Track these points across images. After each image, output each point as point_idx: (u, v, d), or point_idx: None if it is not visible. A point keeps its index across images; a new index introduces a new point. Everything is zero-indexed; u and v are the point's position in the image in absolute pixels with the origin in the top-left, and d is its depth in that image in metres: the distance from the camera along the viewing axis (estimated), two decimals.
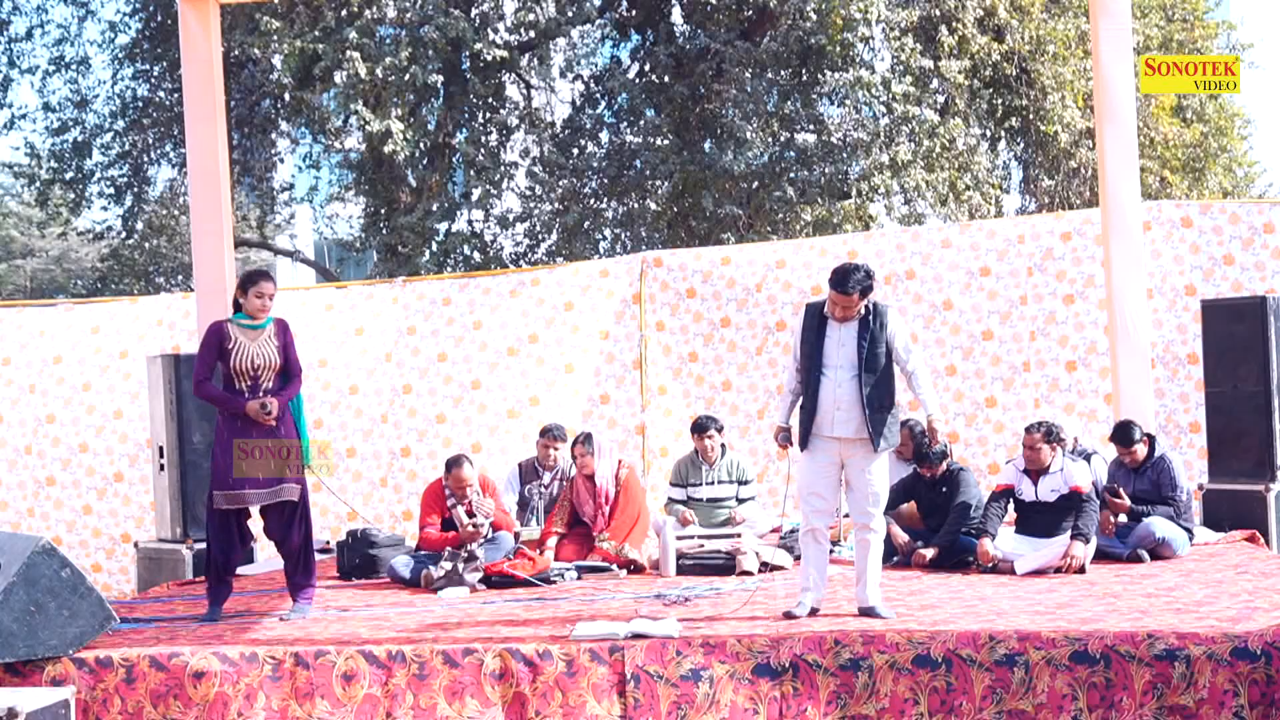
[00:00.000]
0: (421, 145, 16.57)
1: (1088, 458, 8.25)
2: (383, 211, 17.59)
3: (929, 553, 7.58)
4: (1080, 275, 10.44)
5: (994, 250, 10.73)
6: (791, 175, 16.31)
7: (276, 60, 16.03)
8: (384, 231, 17.26)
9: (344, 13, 15.91)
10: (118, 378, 11.56)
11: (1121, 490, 7.87)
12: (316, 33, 15.29)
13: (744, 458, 9.40)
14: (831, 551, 8.24)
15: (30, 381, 11.67)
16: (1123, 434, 8.03)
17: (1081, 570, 7.09)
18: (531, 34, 17.09)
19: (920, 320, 10.76)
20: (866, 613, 5.97)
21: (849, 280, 6.16)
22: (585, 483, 8.33)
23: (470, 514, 7.98)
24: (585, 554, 8.09)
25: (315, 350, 11.47)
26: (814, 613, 6.04)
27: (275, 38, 15.17)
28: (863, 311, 6.20)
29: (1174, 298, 10.22)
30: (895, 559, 7.72)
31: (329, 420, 11.36)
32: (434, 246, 16.79)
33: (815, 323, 6.29)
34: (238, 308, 6.86)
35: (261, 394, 6.62)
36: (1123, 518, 7.89)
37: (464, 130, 17.48)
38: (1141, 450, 7.97)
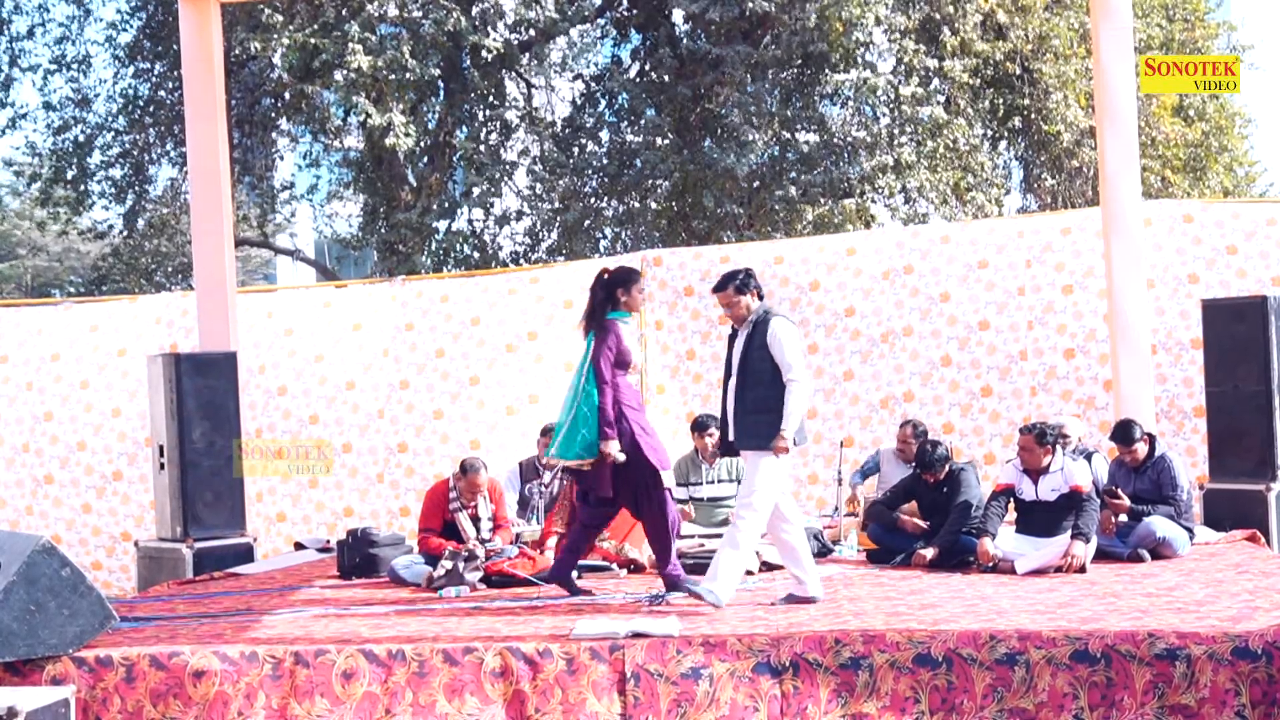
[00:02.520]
0: (422, 143, 16.57)
1: (1088, 457, 8.25)
2: (382, 210, 17.58)
3: (929, 553, 7.58)
4: (1080, 267, 10.45)
5: (993, 245, 10.75)
6: (793, 175, 16.31)
7: (277, 58, 16.02)
8: (383, 229, 17.26)
9: (344, 10, 15.91)
10: (116, 376, 11.56)
11: (1120, 491, 7.87)
12: (316, 27, 15.28)
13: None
14: (830, 552, 8.29)
15: (28, 379, 11.67)
16: (1123, 434, 8.03)
17: (1082, 570, 7.09)
18: (531, 32, 17.09)
19: (917, 313, 10.77)
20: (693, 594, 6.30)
21: (721, 280, 6.60)
22: None
23: (474, 518, 7.99)
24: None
25: (312, 346, 11.48)
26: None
27: (275, 32, 15.17)
28: (754, 318, 6.49)
29: (1176, 286, 10.22)
30: (897, 559, 7.72)
31: (325, 416, 11.37)
32: (433, 245, 16.78)
33: (731, 333, 6.70)
34: (616, 305, 6.85)
35: None
36: (1123, 517, 7.88)
37: (464, 129, 17.47)
38: (1142, 449, 7.96)
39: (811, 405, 10.99)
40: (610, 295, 6.84)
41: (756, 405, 6.41)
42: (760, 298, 6.61)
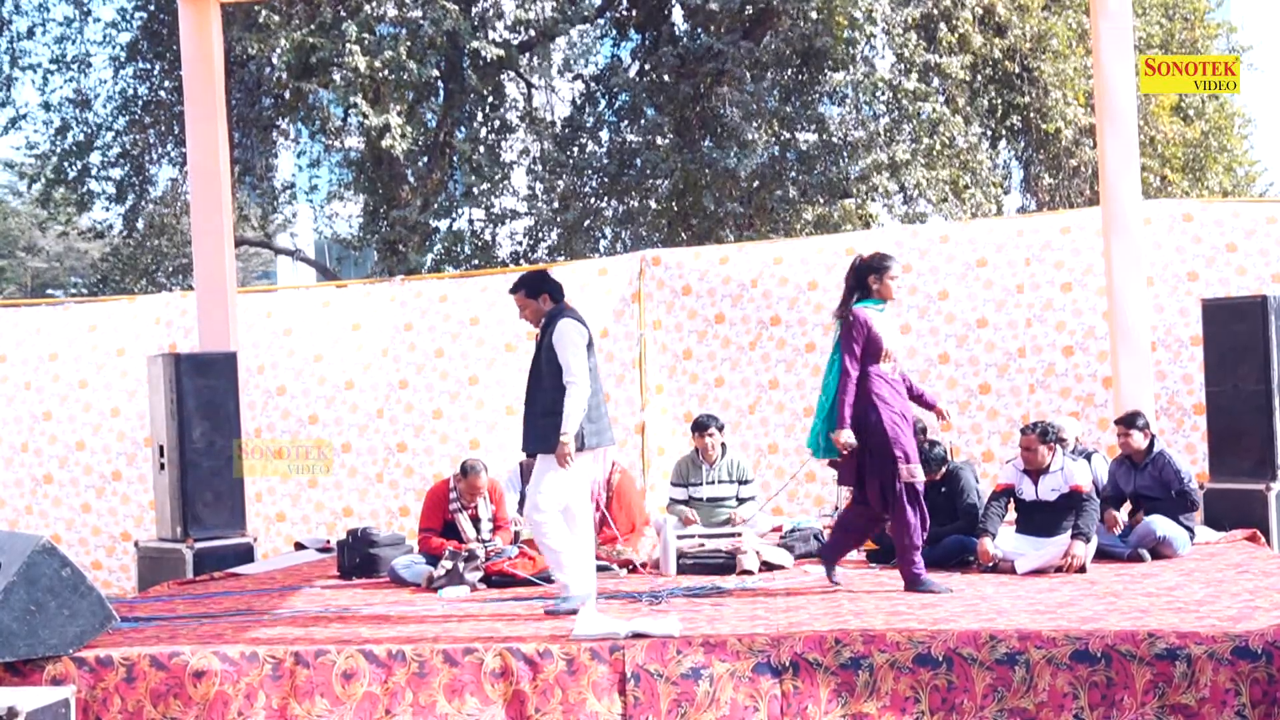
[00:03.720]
0: (421, 143, 16.56)
1: (1088, 457, 8.25)
2: (381, 210, 17.59)
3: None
4: (1079, 265, 10.45)
5: (992, 244, 10.75)
6: (792, 175, 16.31)
7: (275, 58, 16.02)
8: (383, 228, 17.26)
9: (341, 10, 15.90)
10: (114, 375, 11.56)
11: (1122, 489, 7.88)
12: (313, 26, 15.28)
13: (743, 457, 9.40)
14: None
15: (26, 379, 11.67)
16: (1128, 417, 8.00)
17: (1082, 569, 7.09)
18: (531, 32, 17.08)
19: (915, 311, 10.77)
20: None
21: (516, 282, 6.68)
22: None
23: (475, 519, 7.99)
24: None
25: (311, 346, 11.48)
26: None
27: (272, 31, 15.16)
28: (545, 320, 6.53)
29: (1175, 283, 10.22)
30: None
31: (324, 416, 11.37)
32: (433, 245, 16.78)
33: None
34: (867, 293, 6.63)
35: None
36: (1124, 516, 7.89)
37: (463, 129, 17.47)
38: (1140, 439, 7.92)
39: (809, 403, 10.99)
40: (861, 283, 6.63)
41: (544, 408, 6.42)
42: (555, 300, 6.58)
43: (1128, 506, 8.00)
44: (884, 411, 6.52)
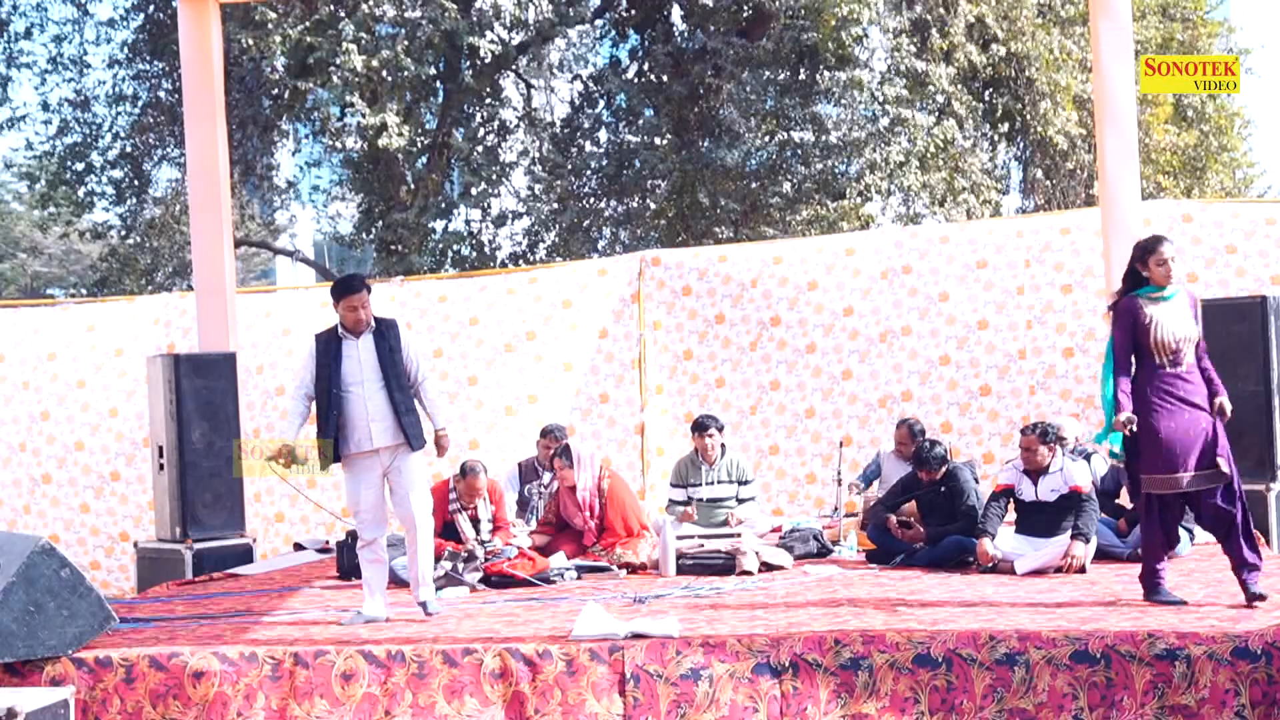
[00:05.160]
0: (419, 143, 16.56)
1: (1088, 457, 8.24)
2: (377, 210, 17.58)
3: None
4: (1079, 266, 10.44)
5: (992, 245, 10.74)
6: (789, 174, 16.31)
7: (279, 63, 16.01)
8: (379, 228, 17.25)
9: (338, 9, 15.90)
10: (113, 376, 11.55)
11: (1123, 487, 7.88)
12: (308, 24, 15.27)
13: (743, 458, 9.39)
14: (830, 552, 8.29)
15: (24, 379, 11.65)
16: None
17: (1082, 570, 7.09)
18: (530, 33, 17.08)
19: (915, 313, 10.77)
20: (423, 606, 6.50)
21: (357, 282, 6.60)
22: (569, 494, 8.29)
23: (474, 519, 7.99)
24: (580, 554, 8.08)
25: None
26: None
27: (268, 29, 15.16)
28: (374, 324, 6.54)
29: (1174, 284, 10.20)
30: (897, 559, 7.72)
31: None
32: (430, 245, 16.77)
33: (334, 342, 6.57)
34: (1139, 280, 6.06)
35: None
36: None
37: (462, 129, 17.48)
38: None
39: (809, 404, 10.99)
40: (1132, 269, 6.14)
41: (408, 406, 6.54)
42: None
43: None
44: (1144, 412, 5.93)
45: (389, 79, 15.26)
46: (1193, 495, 6.02)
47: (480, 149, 16.82)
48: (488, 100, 17.31)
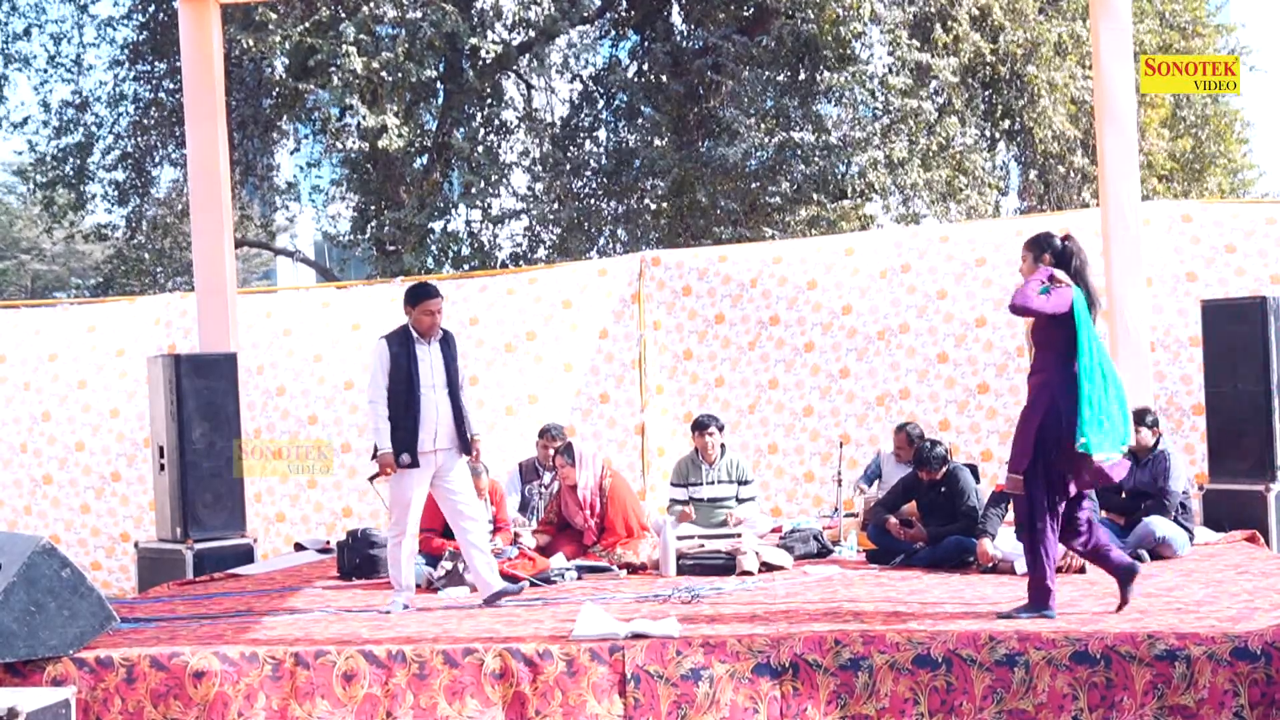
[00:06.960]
0: (418, 143, 16.57)
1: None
2: (374, 209, 17.58)
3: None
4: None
5: (991, 244, 10.74)
6: (789, 173, 16.32)
7: (279, 64, 16.01)
8: (376, 227, 17.25)
9: (338, 10, 15.90)
10: (113, 376, 11.55)
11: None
12: (309, 25, 15.27)
13: (743, 458, 9.40)
14: (830, 552, 8.30)
15: (25, 379, 11.65)
16: (1137, 413, 7.99)
17: (1081, 570, 7.09)
18: (530, 33, 17.09)
19: (913, 311, 10.76)
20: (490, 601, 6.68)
21: (435, 289, 7.00)
22: (570, 493, 8.30)
23: None
24: (581, 554, 8.09)
25: (310, 346, 11.48)
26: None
27: (268, 30, 15.16)
28: (442, 332, 6.89)
29: (1174, 284, 10.21)
30: (897, 559, 7.72)
31: (324, 416, 11.36)
32: (430, 245, 16.77)
33: (407, 346, 6.79)
34: None
35: None
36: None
37: (462, 129, 17.49)
38: (1147, 436, 7.94)
39: (808, 403, 10.99)
40: None
41: (463, 412, 6.86)
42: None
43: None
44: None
45: (389, 80, 15.26)
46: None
47: (480, 149, 16.82)
48: (488, 100, 17.31)
